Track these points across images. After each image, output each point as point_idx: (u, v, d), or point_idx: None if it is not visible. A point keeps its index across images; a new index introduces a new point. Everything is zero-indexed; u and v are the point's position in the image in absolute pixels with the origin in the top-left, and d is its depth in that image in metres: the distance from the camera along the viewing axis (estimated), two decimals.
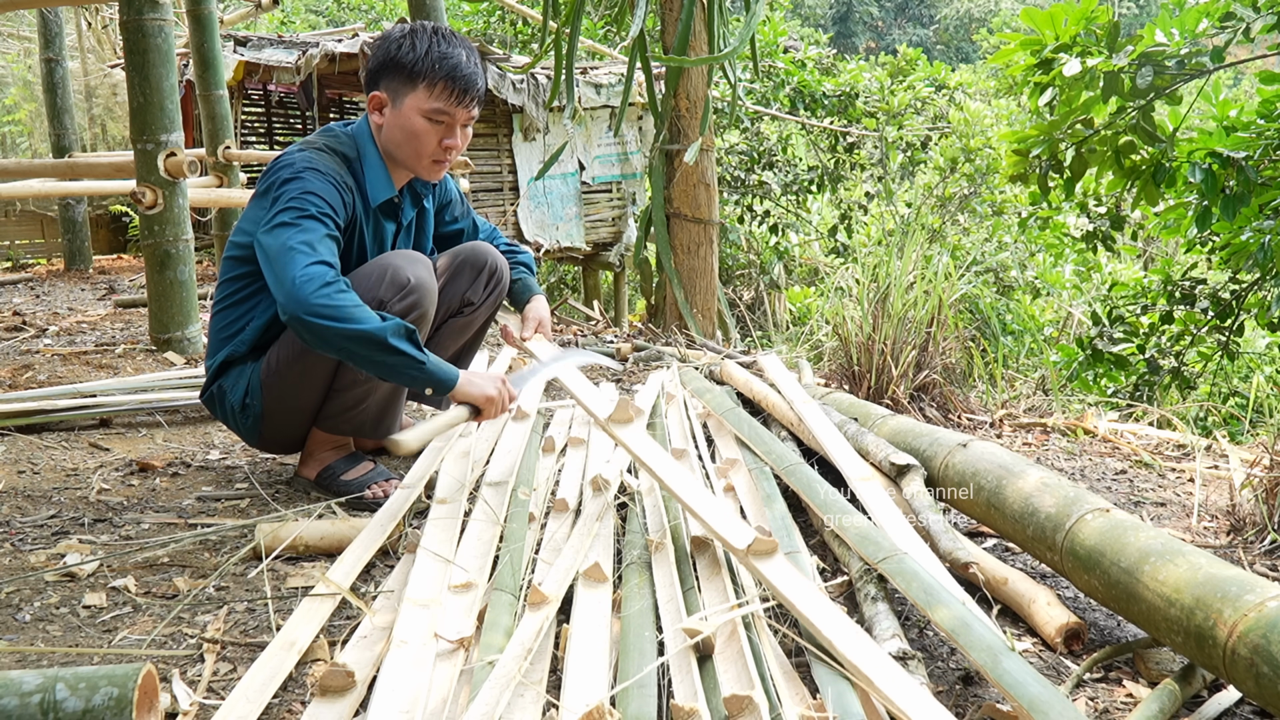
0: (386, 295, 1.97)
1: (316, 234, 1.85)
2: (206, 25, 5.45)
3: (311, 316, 1.75)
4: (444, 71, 1.96)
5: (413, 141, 2.02)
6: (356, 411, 2.11)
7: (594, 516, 1.81)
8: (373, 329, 1.77)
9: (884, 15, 34.33)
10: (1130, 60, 3.72)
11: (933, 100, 9.65)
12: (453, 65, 1.97)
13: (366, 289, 1.96)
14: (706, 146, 5.31)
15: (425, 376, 1.84)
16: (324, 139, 2.06)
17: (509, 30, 11.09)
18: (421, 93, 1.98)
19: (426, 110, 1.99)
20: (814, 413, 2.32)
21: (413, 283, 1.99)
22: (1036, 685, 1.15)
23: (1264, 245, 3.65)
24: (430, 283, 2.04)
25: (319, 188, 1.92)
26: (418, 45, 1.97)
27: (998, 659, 1.21)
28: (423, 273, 2.02)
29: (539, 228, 9.10)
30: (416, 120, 2.00)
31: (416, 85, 1.98)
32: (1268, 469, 2.02)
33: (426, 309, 2.03)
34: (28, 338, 4.17)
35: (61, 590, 1.67)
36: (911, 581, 1.42)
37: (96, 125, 9.23)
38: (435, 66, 1.96)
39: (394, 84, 2.00)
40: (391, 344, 1.79)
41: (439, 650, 1.35)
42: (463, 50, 2.00)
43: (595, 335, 4.40)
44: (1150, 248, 10.32)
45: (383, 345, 1.78)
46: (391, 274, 1.98)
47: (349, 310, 1.77)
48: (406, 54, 1.97)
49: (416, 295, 1.99)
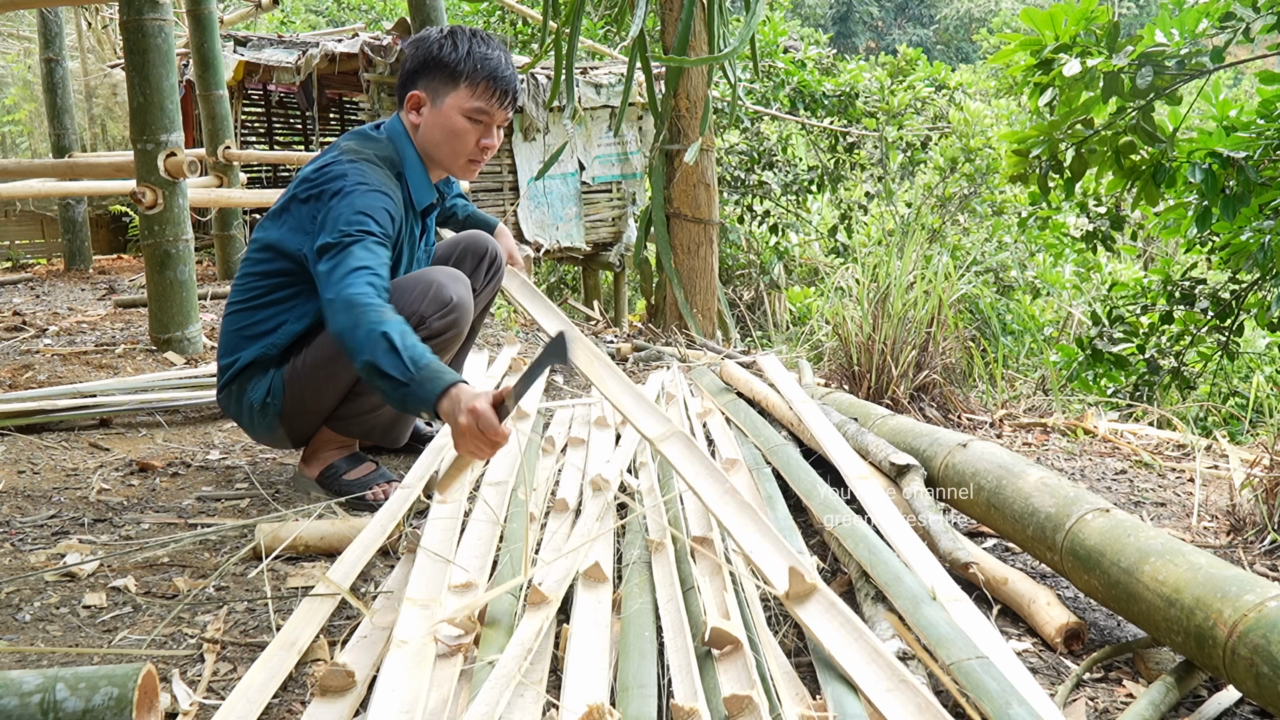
0: (428, 311, 1.98)
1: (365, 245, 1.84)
2: (206, 25, 5.45)
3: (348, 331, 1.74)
4: (486, 72, 1.98)
5: (452, 141, 2.03)
6: (372, 415, 2.12)
7: (594, 516, 1.81)
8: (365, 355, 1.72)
9: (884, 15, 34.33)
10: (1130, 60, 3.72)
11: (933, 100, 9.65)
12: (494, 66, 1.99)
13: (408, 302, 1.96)
14: (706, 146, 5.31)
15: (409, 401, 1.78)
16: (369, 147, 2.03)
17: (509, 30, 11.09)
18: (464, 92, 1.99)
19: (468, 110, 2.00)
20: (812, 412, 2.32)
21: (455, 301, 2.00)
22: (946, 627, 1.32)
23: (1264, 245, 3.65)
24: (470, 302, 2.07)
25: (371, 204, 1.90)
26: (459, 46, 1.98)
27: (919, 606, 1.38)
28: (464, 292, 2.04)
29: (539, 228, 9.11)
30: (457, 119, 2.01)
31: (459, 84, 1.99)
32: (1268, 469, 2.02)
33: (463, 328, 2.06)
34: (28, 338, 4.17)
35: (61, 590, 1.67)
36: (859, 542, 1.61)
37: (96, 125, 9.22)
38: (478, 67, 1.98)
39: (434, 83, 2.01)
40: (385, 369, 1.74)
41: (439, 650, 1.35)
42: (501, 53, 2.02)
43: (595, 335, 4.40)
44: (1150, 248, 10.31)
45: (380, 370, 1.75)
46: (435, 291, 1.99)
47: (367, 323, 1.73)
48: (449, 54, 1.98)
49: (457, 314, 2.01)
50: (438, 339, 2.01)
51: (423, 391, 1.66)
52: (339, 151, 2.01)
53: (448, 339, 2.03)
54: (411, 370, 1.69)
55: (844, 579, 1.70)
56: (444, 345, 2.04)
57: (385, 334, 1.70)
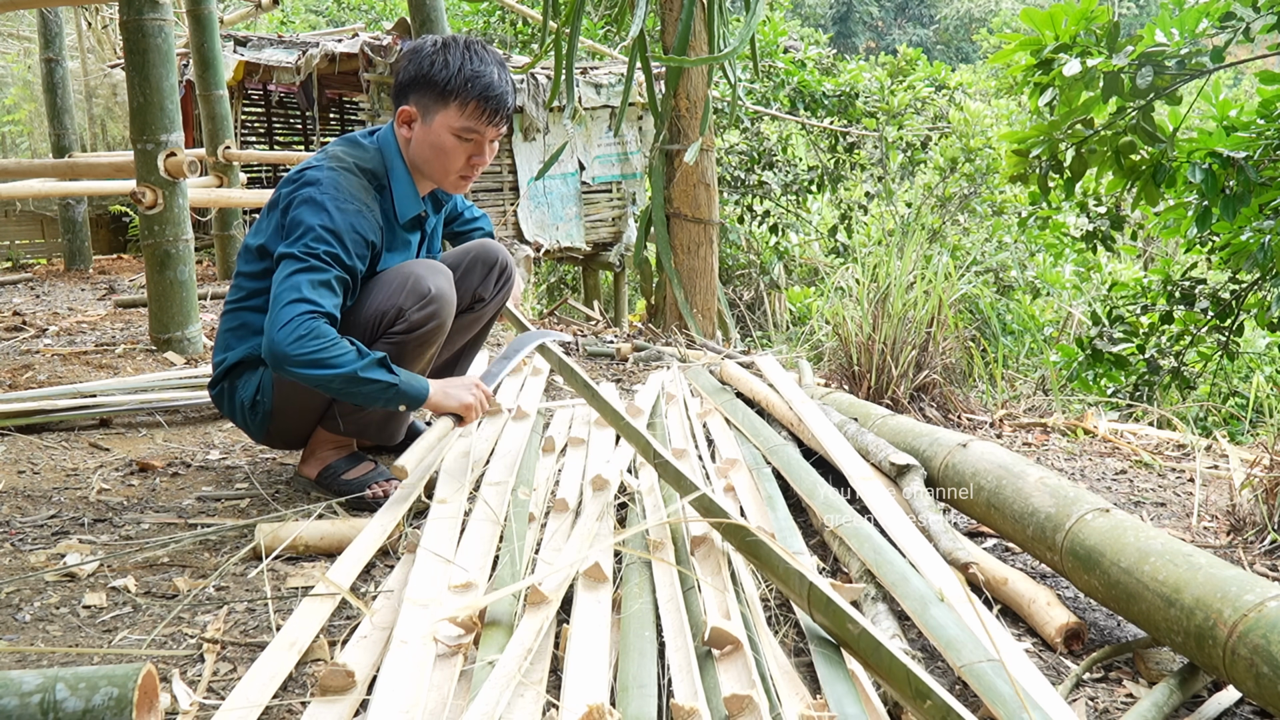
0: (407, 303, 1.98)
1: (322, 275, 1.88)
2: (206, 25, 5.45)
3: (291, 367, 1.84)
4: (477, 91, 1.95)
5: (441, 158, 2.02)
6: (364, 412, 2.12)
7: (594, 516, 1.81)
8: (345, 372, 1.84)
9: (884, 15, 34.32)
10: (1130, 60, 3.72)
11: (933, 100, 9.65)
12: (485, 84, 1.96)
13: (387, 295, 1.98)
14: (706, 146, 5.31)
15: (399, 397, 1.92)
16: (352, 154, 2.03)
17: (509, 30, 11.08)
18: (453, 111, 1.97)
19: (457, 129, 1.98)
20: (813, 412, 2.32)
21: (433, 292, 2.00)
22: (955, 629, 1.29)
23: (1264, 245, 3.65)
24: (450, 293, 2.06)
25: (341, 226, 1.91)
26: (450, 62, 1.95)
27: (927, 607, 1.36)
28: (443, 283, 2.04)
29: (539, 228, 9.10)
30: (446, 138, 1.99)
31: (448, 103, 1.97)
32: (1268, 469, 2.02)
33: (444, 319, 2.05)
34: (28, 338, 4.17)
35: (61, 590, 1.67)
36: (863, 543, 1.61)
37: (96, 125, 9.22)
38: (468, 85, 1.95)
39: (425, 100, 1.99)
40: (363, 377, 1.86)
41: (439, 650, 1.35)
42: (495, 68, 1.99)
43: (595, 335, 4.40)
44: (1150, 248, 10.31)
45: (355, 379, 1.86)
46: (413, 283, 1.99)
47: (323, 358, 1.83)
48: (439, 71, 1.95)
49: (436, 305, 2.01)
50: (418, 331, 2.00)
51: (412, 388, 1.93)
52: (324, 156, 2.02)
53: (429, 330, 2.02)
54: (395, 372, 1.90)
55: (844, 579, 1.70)
56: (426, 338, 2.03)
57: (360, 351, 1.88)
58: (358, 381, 1.86)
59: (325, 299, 1.87)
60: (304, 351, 1.82)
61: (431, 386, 1.98)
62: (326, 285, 1.88)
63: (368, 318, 2.00)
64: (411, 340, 2.01)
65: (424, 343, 2.04)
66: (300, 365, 1.83)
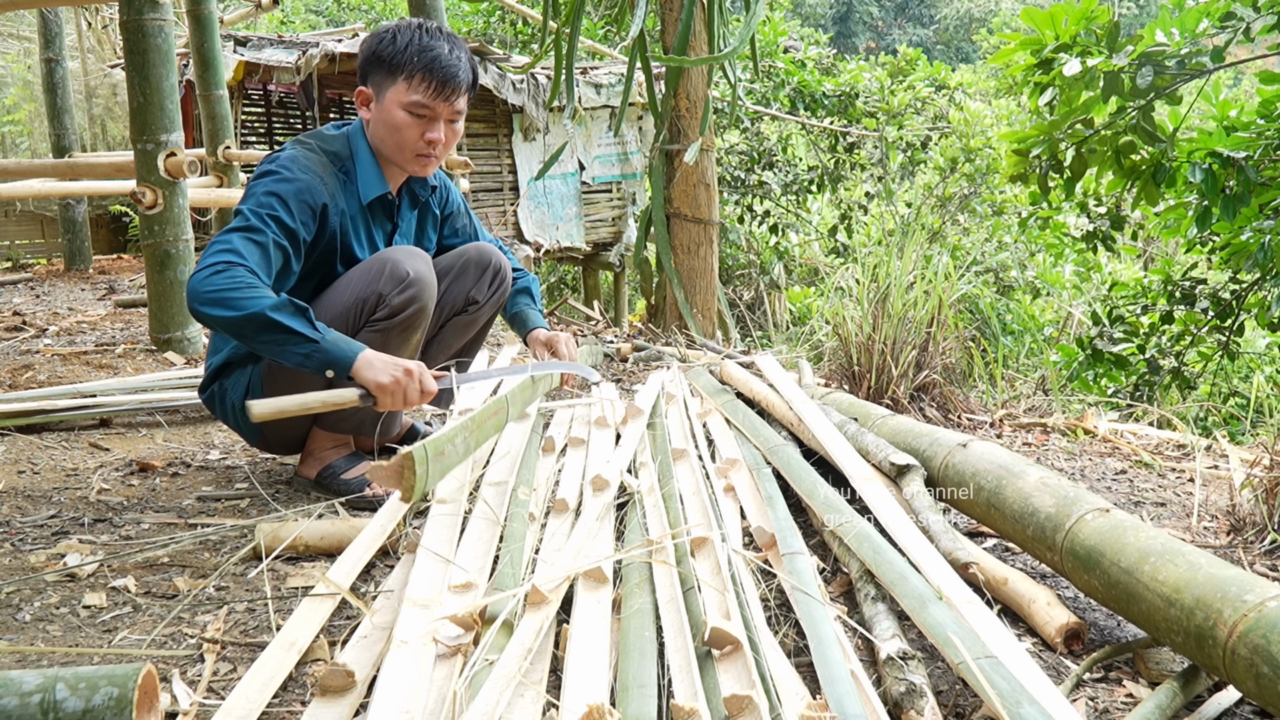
0: (385, 288, 1.98)
1: (258, 236, 1.86)
2: (206, 25, 5.45)
3: (201, 305, 1.76)
4: (423, 64, 1.96)
5: (395, 135, 2.02)
6: (357, 410, 2.11)
7: (594, 516, 1.81)
8: (252, 312, 1.74)
9: (884, 15, 34.32)
10: (1130, 60, 3.72)
11: (933, 100, 9.65)
12: (432, 58, 1.97)
13: (366, 282, 1.98)
14: (706, 146, 5.31)
15: (321, 355, 1.78)
16: (317, 139, 2.07)
17: (509, 30, 11.09)
18: (401, 86, 1.98)
19: (406, 103, 1.99)
20: (813, 412, 2.32)
21: (411, 276, 1.99)
22: (954, 625, 1.30)
23: (1264, 245, 3.65)
24: (430, 277, 2.04)
25: (286, 190, 1.92)
26: (399, 39, 1.98)
27: (925, 605, 1.37)
28: (422, 267, 2.03)
29: (539, 228, 9.10)
30: (398, 114, 2.00)
31: (397, 78, 1.98)
32: (1268, 469, 2.02)
33: (425, 303, 2.03)
34: (28, 338, 4.17)
35: (61, 590, 1.67)
36: (863, 543, 1.62)
37: (96, 125, 9.22)
38: (414, 59, 1.96)
39: (378, 78, 2.01)
40: (277, 320, 1.75)
41: (439, 650, 1.35)
42: (445, 44, 2.00)
43: (595, 335, 4.40)
44: (1150, 248, 10.31)
45: (268, 323, 1.75)
46: (391, 267, 1.99)
47: (231, 298, 1.75)
48: (386, 47, 1.98)
49: (416, 289, 1.99)
50: (399, 316, 1.99)
51: (337, 348, 1.78)
52: (291, 142, 2.05)
53: (410, 315, 2.00)
54: (320, 330, 1.79)
55: (844, 579, 1.70)
56: (409, 322, 2.01)
57: (283, 296, 1.79)
58: (270, 327, 1.75)
59: (252, 254, 1.83)
60: (212, 288, 1.74)
61: (365, 354, 1.81)
62: (259, 245, 1.85)
63: (349, 306, 2.00)
64: (395, 326, 2.00)
65: (408, 328, 2.02)
66: (207, 303, 1.74)
